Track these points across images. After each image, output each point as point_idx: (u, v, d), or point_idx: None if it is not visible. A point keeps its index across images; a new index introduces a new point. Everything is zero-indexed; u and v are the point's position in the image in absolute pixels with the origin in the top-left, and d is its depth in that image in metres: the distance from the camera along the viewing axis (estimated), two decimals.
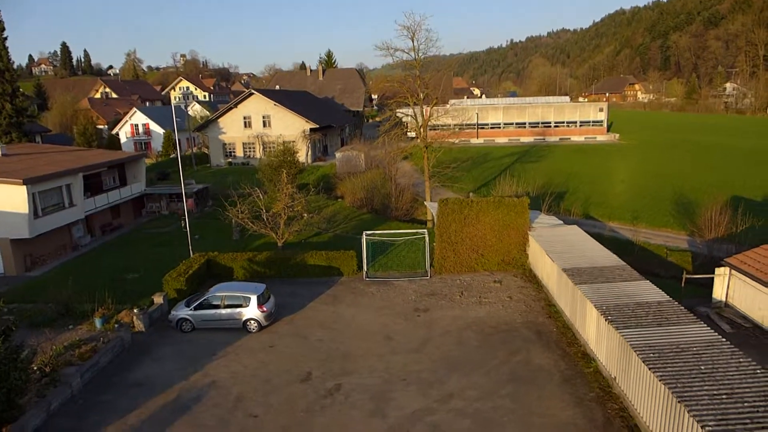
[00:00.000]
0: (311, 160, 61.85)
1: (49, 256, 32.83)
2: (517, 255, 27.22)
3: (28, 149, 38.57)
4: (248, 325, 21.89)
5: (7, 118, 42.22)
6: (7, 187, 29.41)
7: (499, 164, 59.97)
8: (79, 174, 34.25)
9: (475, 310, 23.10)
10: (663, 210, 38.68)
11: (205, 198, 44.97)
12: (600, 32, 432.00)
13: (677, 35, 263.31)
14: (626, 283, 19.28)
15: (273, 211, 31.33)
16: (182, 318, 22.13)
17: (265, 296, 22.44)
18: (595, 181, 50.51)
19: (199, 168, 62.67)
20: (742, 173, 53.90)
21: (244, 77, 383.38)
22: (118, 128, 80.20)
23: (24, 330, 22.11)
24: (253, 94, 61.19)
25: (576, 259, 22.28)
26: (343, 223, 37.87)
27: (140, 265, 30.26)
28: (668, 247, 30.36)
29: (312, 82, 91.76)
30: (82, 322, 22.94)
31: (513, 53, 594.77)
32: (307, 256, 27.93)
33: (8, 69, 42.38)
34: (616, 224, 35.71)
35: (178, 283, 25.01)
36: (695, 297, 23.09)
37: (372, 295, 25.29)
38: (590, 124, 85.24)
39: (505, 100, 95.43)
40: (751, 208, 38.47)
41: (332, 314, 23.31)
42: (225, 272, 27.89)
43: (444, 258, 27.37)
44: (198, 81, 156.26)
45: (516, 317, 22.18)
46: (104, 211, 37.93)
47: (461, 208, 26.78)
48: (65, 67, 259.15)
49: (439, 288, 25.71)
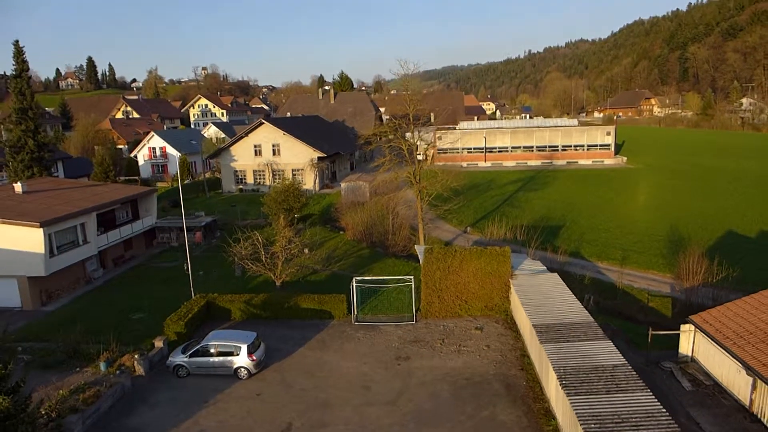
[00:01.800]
0: (318, 188, 63.73)
1: (64, 290, 35.05)
2: (500, 301, 28.48)
3: (47, 185, 40.99)
4: (239, 373, 23.54)
5: (30, 153, 44.81)
6: (26, 229, 31.66)
7: (502, 193, 61.09)
8: (92, 213, 36.49)
9: (453, 359, 24.42)
10: (653, 248, 39.54)
11: (213, 230, 46.99)
12: (618, 43, 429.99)
13: (696, 47, 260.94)
14: (589, 344, 20.46)
15: (272, 251, 33.01)
16: (178, 364, 23.89)
17: (255, 344, 24.08)
18: (593, 213, 51.38)
19: (212, 194, 64.96)
20: (746, 202, 54.34)
21: (263, 90, 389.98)
22: (136, 151, 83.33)
23: (36, 371, 24.15)
24: (263, 123, 63.39)
25: (547, 313, 23.50)
26: (342, 259, 39.42)
27: (146, 303, 32.17)
28: (650, 291, 31.34)
29: (324, 105, 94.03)
30: (88, 364, 24.79)
31: (531, 64, 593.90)
32: (300, 300, 29.53)
33: (31, 107, 45.05)
34: (604, 264, 36.71)
35: (178, 327, 26.77)
36: (664, 349, 24.05)
37: (358, 340, 26.77)
38: (597, 147, 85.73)
39: (514, 123, 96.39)
40: (738, 247, 39.32)
41: (318, 361, 24.83)
42: (223, 314, 29.67)
43: (429, 304, 28.76)
44: (216, 99, 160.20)
45: (490, 368, 23.45)
46: (117, 244, 40.14)
47: (445, 257, 28.17)
48: (90, 80, 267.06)
49: (422, 334, 27.08)
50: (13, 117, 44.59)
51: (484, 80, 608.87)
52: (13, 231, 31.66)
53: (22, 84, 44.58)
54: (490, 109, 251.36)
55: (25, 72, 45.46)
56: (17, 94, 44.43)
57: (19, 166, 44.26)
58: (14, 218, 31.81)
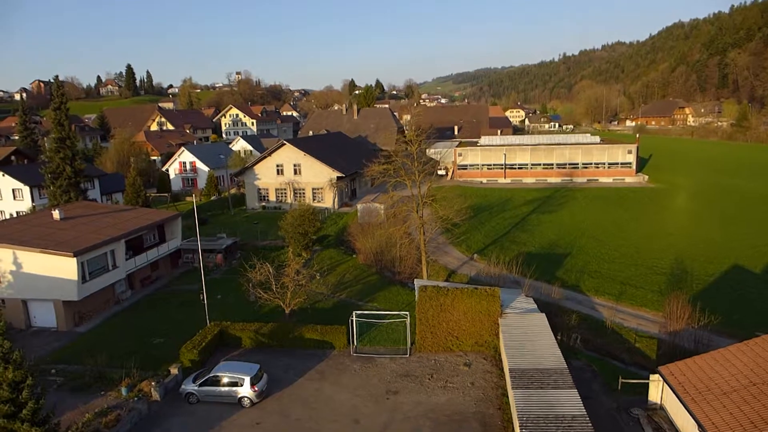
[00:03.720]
0: (338, 206, 66.25)
1: (95, 310, 38.39)
2: (489, 338, 30.25)
3: (81, 210, 44.61)
4: (242, 402, 26.08)
5: (67, 179, 48.74)
6: (60, 258, 35.02)
7: (515, 215, 62.29)
8: (122, 240, 39.78)
9: (438, 395, 26.38)
10: (652, 283, 40.48)
11: (234, 251, 49.95)
12: (656, 46, 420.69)
13: (736, 52, 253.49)
14: (556, 392, 22.17)
15: (281, 281, 35.47)
16: (189, 392, 26.60)
17: (258, 376, 26.59)
18: (602, 240, 52.20)
19: (236, 211, 68.27)
20: (760, 231, 54.13)
21: (295, 93, 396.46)
22: (168, 165, 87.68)
23: (66, 394, 27.23)
24: (284, 144, 66.33)
25: (526, 357, 25.25)
26: (351, 285, 41.71)
27: (166, 326, 35.12)
28: (638, 331, 32.56)
29: (347, 120, 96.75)
30: (112, 388, 27.69)
31: (565, 67, 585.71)
32: (304, 330, 31.96)
33: (69, 137, 49.02)
34: (600, 300, 37.91)
35: (192, 355, 29.55)
36: (639, 394, 25.42)
37: (354, 372, 28.98)
38: (619, 165, 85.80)
39: (534, 140, 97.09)
40: (741, 283, 39.93)
41: (315, 392, 27.16)
42: (235, 341, 32.34)
43: (423, 338, 30.76)
44: (246, 108, 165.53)
45: (470, 406, 25.32)
46: (144, 266, 43.42)
47: (438, 296, 30.11)
48: (129, 87, 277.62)
49: (414, 368, 29.11)
50: (53, 146, 48.60)
51: (517, 84, 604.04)
52: (50, 259, 35.07)
53: (61, 116, 48.58)
54: (519, 116, 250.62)
55: (64, 104, 49.41)
56: (57, 125, 48.51)
57: (58, 191, 48.26)
58: (51, 248, 35.22)
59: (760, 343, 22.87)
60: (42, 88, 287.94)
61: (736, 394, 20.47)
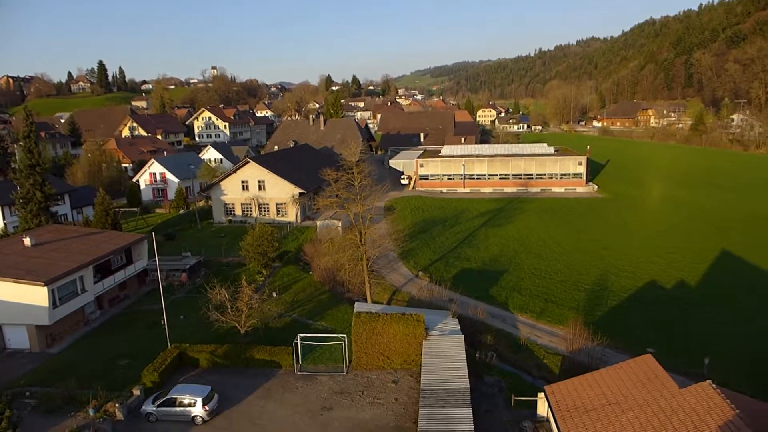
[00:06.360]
0: (300, 220, 70.08)
1: (66, 332, 41.82)
2: (416, 357, 34.64)
3: (52, 234, 47.71)
4: (195, 420, 30.09)
5: (38, 204, 51.68)
6: (32, 287, 38.38)
7: (467, 228, 66.90)
8: (90, 266, 43.18)
9: (366, 411, 30.72)
10: (571, 300, 45.36)
11: (198, 270, 53.57)
12: (628, 43, 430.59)
13: (701, 53, 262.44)
14: (455, 410, 26.67)
15: (235, 306, 39.32)
16: (149, 412, 30.51)
17: (209, 397, 30.61)
18: (539, 254, 57.08)
19: (203, 224, 71.62)
20: (684, 247, 59.40)
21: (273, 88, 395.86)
22: (138, 176, 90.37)
23: (38, 415, 30.88)
24: (249, 162, 69.84)
25: (438, 377, 29.73)
26: (303, 304, 45.77)
27: (131, 348, 38.78)
28: (548, 348, 37.37)
29: (314, 131, 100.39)
30: (81, 409, 31.41)
31: (541, 62, 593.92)
32: (255, 351, 36.00)
33: (38, 164, 51.87)
34: (523, 317, 42.65)
35: (153, 377, 33.35)
36: (531, 409, 30.05)
37: (296, 390, 33.17)
38: (570, 176, 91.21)
39: (492, 150, 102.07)
40: (646, 300, 45.02)
41: (260, 409, 31.27)
42: (193, 362, 36.23)
43: (359, 358, 35.07)
44: (219, 111, 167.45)
45: (390, 420, 29.72)
46: (112, 287, 46.86)
47: (370, 321, 34.43)
48: (101, 84, 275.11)
49: (349, 386, 33.41)
50: (24, 172, 51.38)
51: (494, 78, 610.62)
52: (22, 287, 38.39)
53: (31, 143, 51.37)
54: (490, 116, 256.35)
55: (33, 132, 52.21)
56: (26, 152, 51.30)
57: (28, 215, 51.18)
58: (23, 277, 38.55)
59: (625, 367, 27.66)
60: (11, 84, 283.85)
61: (595, 412, 25.15)
